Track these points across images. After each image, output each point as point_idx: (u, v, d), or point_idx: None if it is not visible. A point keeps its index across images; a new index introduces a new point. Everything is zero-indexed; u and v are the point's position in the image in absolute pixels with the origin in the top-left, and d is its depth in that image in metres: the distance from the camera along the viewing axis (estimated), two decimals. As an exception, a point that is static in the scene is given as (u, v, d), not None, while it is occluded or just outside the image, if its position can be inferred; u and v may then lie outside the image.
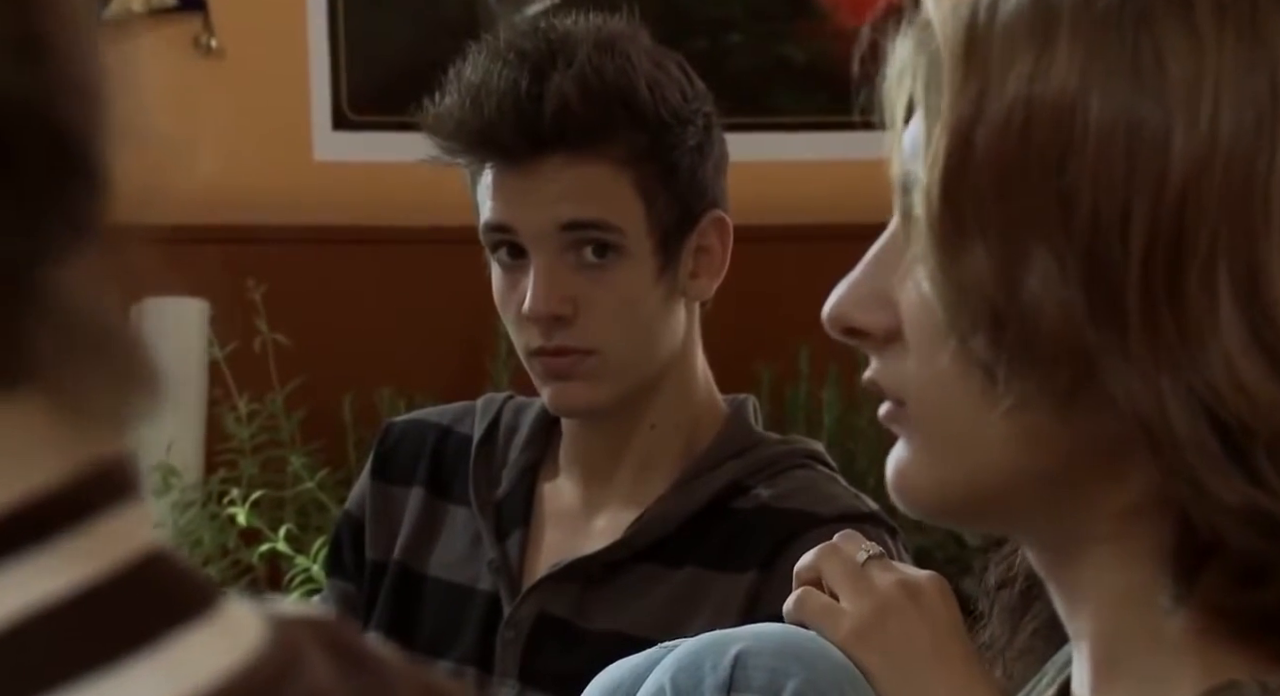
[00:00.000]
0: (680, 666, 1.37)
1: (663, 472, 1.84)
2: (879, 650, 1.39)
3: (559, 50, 1.77)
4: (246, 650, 0.56)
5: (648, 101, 1.78)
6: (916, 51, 0.85)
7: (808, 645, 1.39)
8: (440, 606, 1.86)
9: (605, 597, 1.80)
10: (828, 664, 1.38)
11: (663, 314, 1.82)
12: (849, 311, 0.90)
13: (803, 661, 1.37)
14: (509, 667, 1.81)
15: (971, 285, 0.82)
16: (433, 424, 1.93)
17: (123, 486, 0.56)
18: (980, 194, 0.82)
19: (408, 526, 1.89)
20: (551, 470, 1.89)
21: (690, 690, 1.36)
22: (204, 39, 3.64)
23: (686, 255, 1.83)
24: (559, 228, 1.78)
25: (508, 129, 1.76)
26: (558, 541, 1.85)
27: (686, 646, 1.39)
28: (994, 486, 0.86)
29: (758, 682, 1.35)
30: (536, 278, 1.78)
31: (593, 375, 1.79)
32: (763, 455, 1.83)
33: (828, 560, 1.44)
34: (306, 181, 3.64)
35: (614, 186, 1.79)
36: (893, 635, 1.40)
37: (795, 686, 1.35)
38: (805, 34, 3.73)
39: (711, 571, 1.77)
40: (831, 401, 3.35)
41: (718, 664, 1.36)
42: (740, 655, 1.36)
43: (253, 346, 3.36)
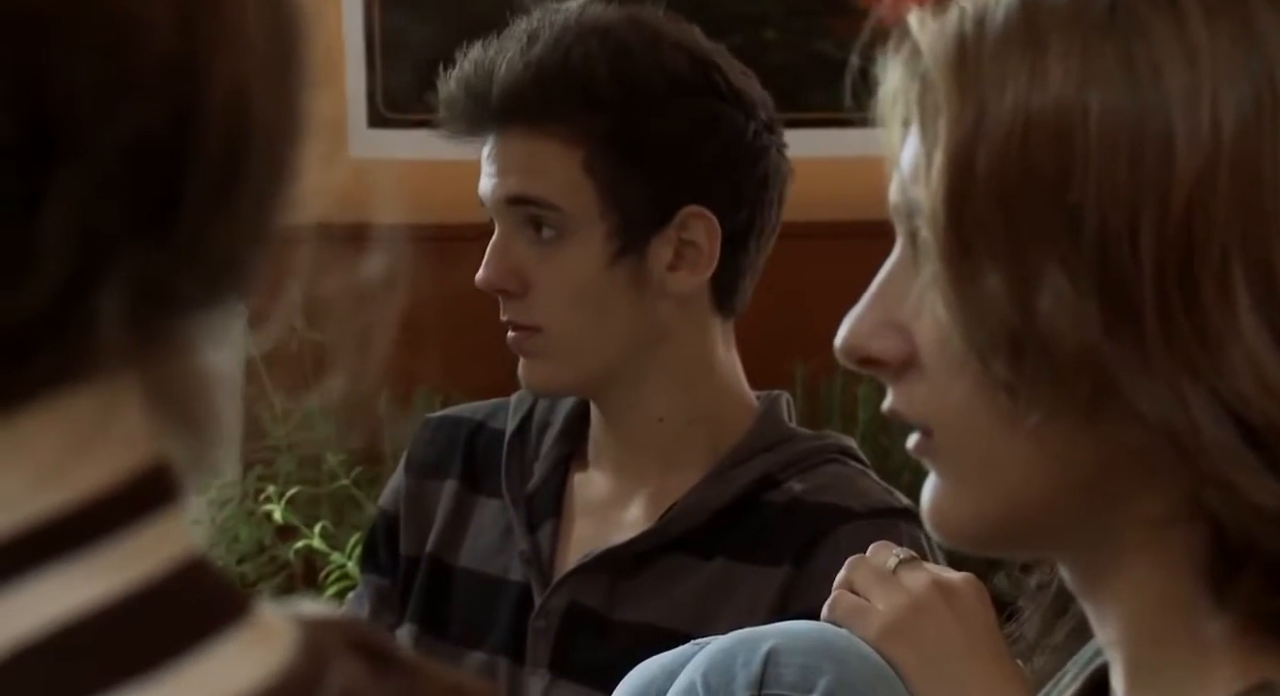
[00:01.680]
0: (712, 663, 1.38)
1: (690, 466, 1.84)
2: (912, 647, 1.39)
3: (543, 31, 1.78)
4: (278, 657, 0.56)
5: (607, 83, 1.76)
6: (907, 75, 0.85)
7: (840, 643, 1.40)
8: (472, 597, 1.87)
9: (636, 588, 1.80)
10: (860, 661, 1.38)
11: (623, 301, 1.79)
12: (863, 342, 0.89)
13: (835, 659, 1.37)
14: (540, 658, 1.81)
15: (986, 308, 0.82)
16: (466, 419, 1.94)
17: (174, 487, 0.57)
18: (985, 215, 0.82)
19: (440, 520, 1.90)
20: (583, 462, 1.89)
21: (722, 687, 1.37)
22: (241, 39, 3.65)
23: (660, 246, 1.79)
24: (505, 201, 1.80)
25: (470, 103, 1.79)
26: (589, 533, 1.85)
27: (718, 643, 1.40)
28: (1028, 510, 0.86)
29: (789, 680, 1.36)
30: (489, 249, 1.82)
31: (539, 353, 1.80)
32: (795, 449, 1.83)
33: (858, 569, 1.45)
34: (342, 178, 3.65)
35: (559, 165, 1.78)
36: (925, 632, 1.40)
37: (827, 684, 1.35)
38: (841, 30, 3.73)
39: (742, 564, 1.77)
40: (866, 397, 3.34)
41: (749, 661, 1.37)
42: (772, 652, 1.37)
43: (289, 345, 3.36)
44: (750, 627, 1.43)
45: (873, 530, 1.63)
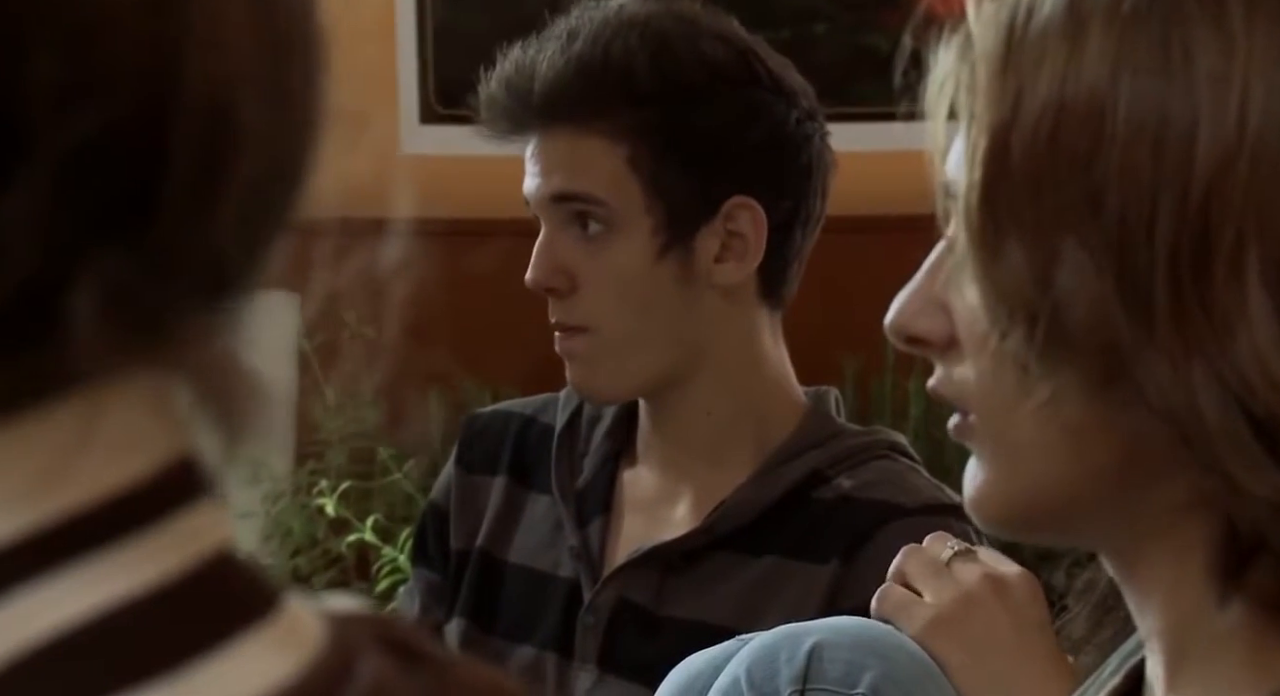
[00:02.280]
0: (755, 658, 1.37)
1: (739, 462, 1.83)
2: (958, 642, 1.39)
3: (585, 27, 1.78)
4: (306, 653, 0.56)
5: (649, 77, 1.76)
6: (959, 61, 0.86)
7: (885, 638, 1.39)
8: (521, 592, 1.87)
9: (685, 585, 1.80)
10: (906, 657, 1.38)
11: (673, 296, 1.79)
12: (909, 320, 0.91)
13: (880, 654, 1.37)
14: (588, 653, 1.82)
15: (1009, 285, 0.83)
16: (516, 414, 1.95)
17: (199, 484, 0.56)
18: (1016, 195, 0.83)
19: (490, 514, 1.90)
20: (632, 458, 1.89)
21: (765, 682, 1.36)
22: (294, 34, 3.67)
23: (707, 238, 1.79)
24: (551, 199, 1.80)
25: (512, 102, 1.79)
26: (638, 528, 1.85)
27: (762, 639, 1.39)
28: (1054, 495, 0.87)
29: (834, 675, 1.35)
30: (536, 249, 1.81)
31: (588, 354, 1.79)
32: (844, 445, 1.82)
33: (911, 558, 1.45)
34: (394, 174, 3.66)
35: (605, 160, 1.78)
36: (974, 627, 1.39)
37: (872, 679, 1.35)
38: (891, 24, 3.72)
39: (791, 560, 1.77)
40: (917, 392, 3.33)
41: (793, 656, 1.37)
42: (816, 647, 1.37)
43: (340, 338, 3.38)
44: (795, 623, 1.43)
45: (922, 526, 1.63)
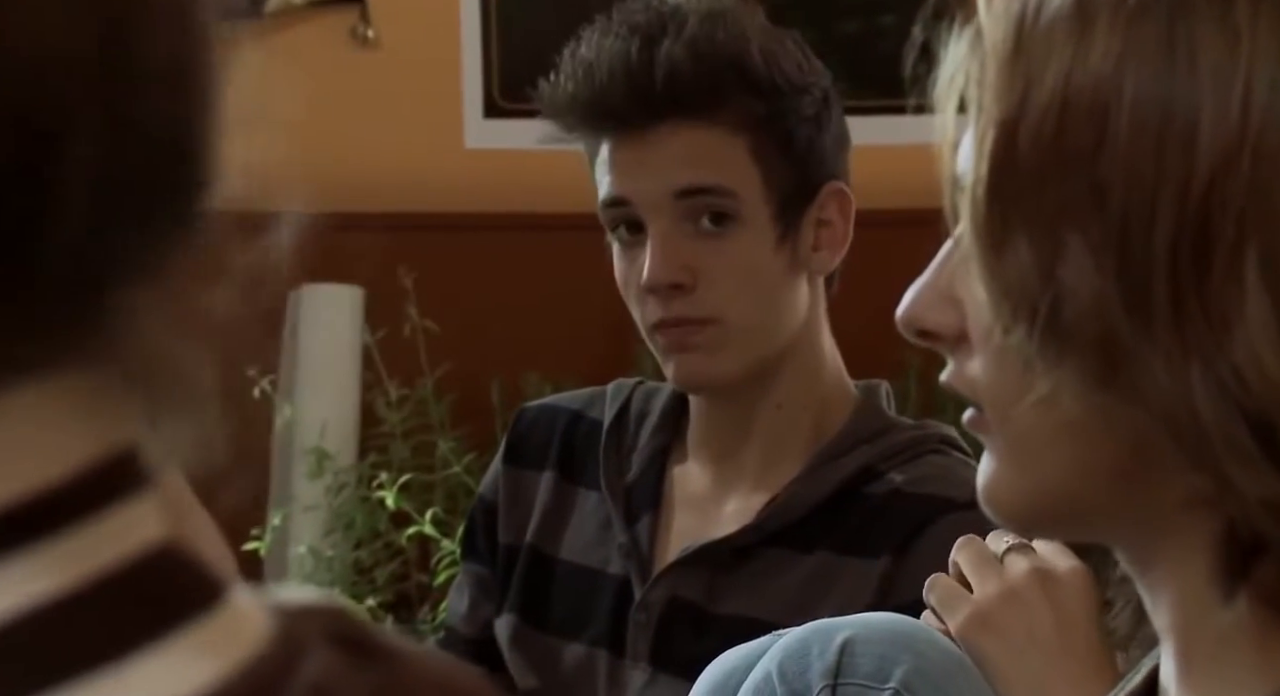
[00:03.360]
0: (787, 653, 1.37)
1: (792, 456, 1.83)
2: (996, 637, 1.38)
3: (670, 21, 1.77)
4: (245, 650, 0.56)
5: (761, 68, 1.77)
6: (970, 54, 0.85)
7: (918, 633, 1.38)
8: (571, 589, 1.87)
9: (736, 582, 1.80)
10: (937, 652, 1.37)
11: (784, 286, 1.80)
12: (920, 313, 0.90)
13: (912, 649, 1.36)
14: (640, 651, 1.82)
15: (1013, 278, 0.83)
16: (564, 409, 1.94)
17: (132, 480, 0.56)
18: (1021, 188, 0.83)
19: (539, 510, 1.90)
20: (681, 454, 1.89)
21: (797, 677, 1.36)
22: (361, 29, 3.68)
23: (807, 227, 1.81)
24: (674, 195, 1.78)
25: (620, 97, 1.76)
26: (688, 525, 1.85)
27: (794, 633, 1.39)
28: (1063, 490, 0.86)
29: (865, 670, 1.35)
30: (653, 246, 1.78)
31: (713, 345, 1.78)
32: (895, 440, 1.82)
33: (965, 550, 1.44)
34: (458, 169, 3.67)
35: (729, 152, 1.78)
36: (1014, 622, 1.38)
37: (903, 674, 1.34)
38: (956, 17, 3.71)
39: (843, 556, 1.77)
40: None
41: (825, 651, 1.36)
42: (848, 642, 1.37)
43: (403, 332, 3.39)
44: (827, 618, 1.43)
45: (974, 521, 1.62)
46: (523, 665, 1.88)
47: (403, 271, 3.37)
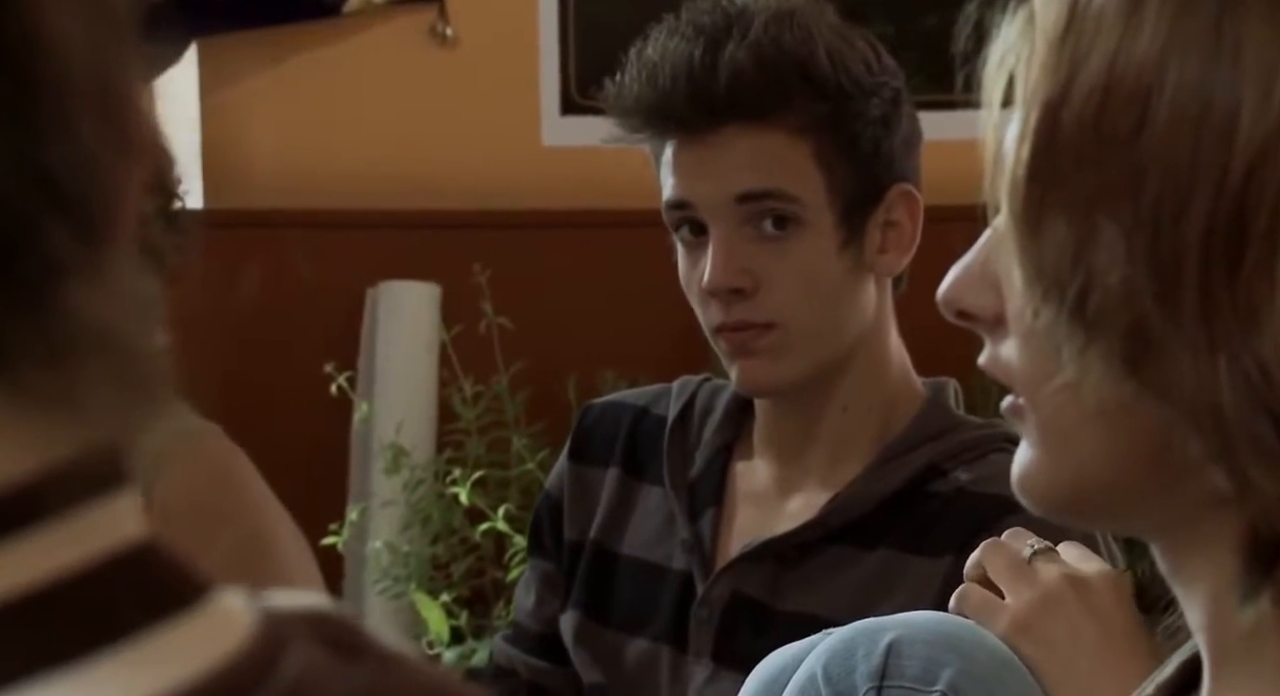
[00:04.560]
0: (833, 654, 1.36)
1: (857, 454, 1.83)
2: (1042, 642, 1.36)
3: (735, 22, 1.76)
4: (229, 646, 0.56)
5: (827, 70, 1.76)
6: (1021, 38, 0.85)
7: (965, 634, 1.37)
8: (634, 585, 1.87)
9: (798, 579, 1.79)
10: (985, 653, 1.35)
11: (848, 289, 1.79)
12: (958, 295, 0.90)
13: (959, 651, 1.35)
14: (703, 647, 1.81)
15: (1047, 261, 0.82)
16: (629, 405, 1.94)
17: (107, 479, 0.57)
18: (1061, 170, 0.82)
19: (604, 506, 1.90)
20: (745, 451, 1.88)
21: (842, 678, 1.35)
22: (440, 28, 3.69)
23: (873, 229, 1.80)
24: (735, 199, 1.77)
25: (682, 100, 1.75)
26: (751, 521, 1.84)
27: (839, 634, 1.38)
28: (1096, 480, 0.86)
29: (911, 672, 1.33)
30: (715, 250, 1.77)
31: (775, 350, 1.78)
32: (961, 438, 1.81)
33: (991, 555, 1.42)
34: (534, 166, 3.68)
35: (792, 156, 1.77)
36: (1056, 628, 1.37)
37: (950, 676, 1.33)
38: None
39: (906, 555, 1.76)
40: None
41: (870, 652, 1.35)
42: (894, 643, 1.35)
43: (478, 329, 3.40)
44: (873, 617, 1.41)
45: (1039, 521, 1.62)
46: (587, 660, 1.88)
47: (478, 269, 3.39)
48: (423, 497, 3.36)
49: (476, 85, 3.71)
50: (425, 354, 3.49)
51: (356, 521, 3.37)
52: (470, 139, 3.69)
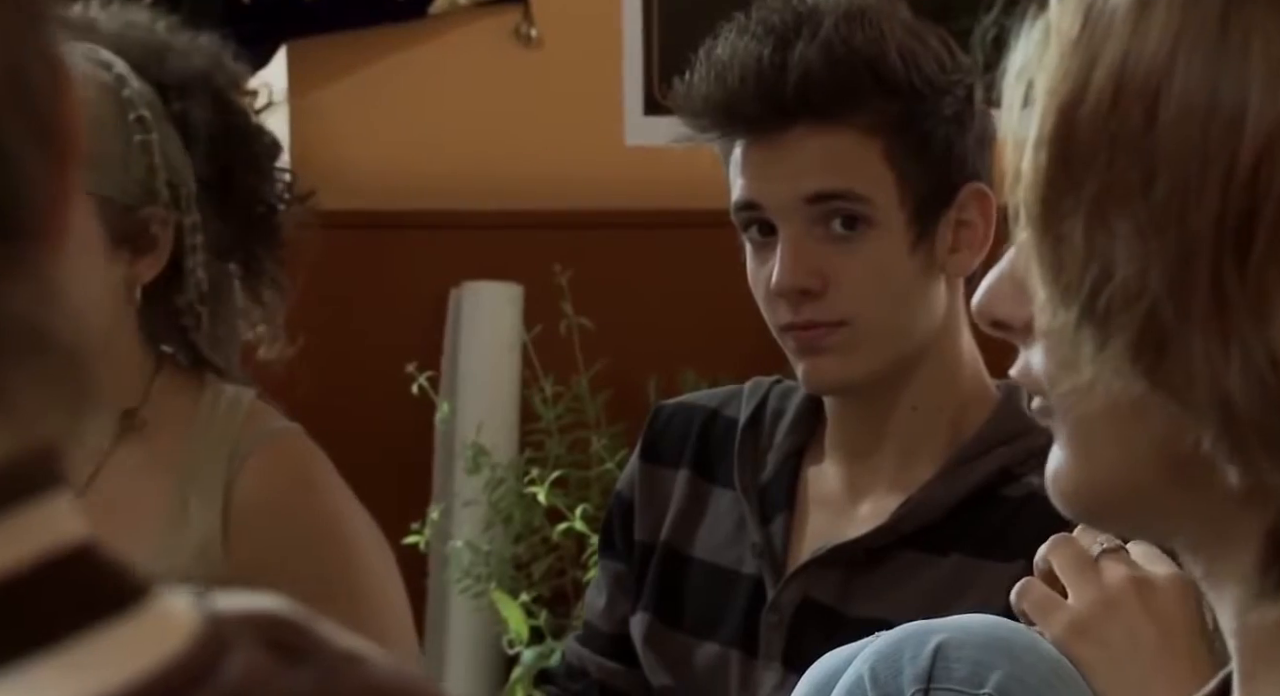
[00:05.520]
0: (880, 656, 1.35)
1: (928, 457, 1.82)
2: (1098, 645, 1.35)
3: (806, 21, 1.75)
4: (168, 649, 0.55)
5: (899, 69, 1.75)
6: (1040, 47, 0.85)
7: (1014, 638, 1.35)
8: (705, 588, 1.87)
9: (869, 583, 1.79)
10: (1035, 657, 1.34)
11: (919, 288, 1.78)
12: (991, 304, 0.90)
13: (1008, 654, 1.33)
14: (773, 652, 1.81)
15: (1065, 261, 0.82)
16: (701, 406, 1.94)
17: (41, 480, 0.56)
18: (1076, 172, 0.82)
19: (674, 508, 1.90)
20: (816, 454, 1.87)
21: (889, 680, 1.34)
22: (524, 29, 3.71)
23: (944, 228, 1.79)
24: (805, 200, 1.76)
25: (751, 100, 1.74)
26: (822, 526, 1.84)
27: (887, 636, 1.37)
28: (1113, 482, 0.86)
29: (959, 675, 1.32)
30: (783, 251, 1.76)
31: (844, 347, 1.77)
32: (1034, 442, 1.77)
33: (1059, 551, 1.41)
34: (617, 166, 3.69)
35: (862, 156, 1.76)
36: (1114, 631, 1.35)
37: (999, 680, 1.31)
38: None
39: (978, 560, 1.75)
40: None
41: (917, 655, 1.34)
42: (941, 646, 1.34)
43: (558, 329, 3.41)
44: (921, 620, 1.40)
45: None
46: (656, 663, 1.88)
47: (558, 269, 3.40)
48: (503, 497, 3.37)
49: (560, 85, 3.72)
50: (507, 354, 3.50)
51: (438, 520, 3.39)
52: (553, 139, 3.71)
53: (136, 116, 1.87)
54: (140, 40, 1.93)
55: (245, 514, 1.88)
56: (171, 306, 1.93)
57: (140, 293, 1.91)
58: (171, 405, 1.92)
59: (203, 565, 1.86)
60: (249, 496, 1.88)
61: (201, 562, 1.86)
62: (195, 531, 1.87)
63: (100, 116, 1.86)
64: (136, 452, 1.91)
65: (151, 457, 1.91)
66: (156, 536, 1.87)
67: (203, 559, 1.86)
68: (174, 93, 1.91)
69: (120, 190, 1.87)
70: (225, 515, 1.87)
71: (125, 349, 1.91)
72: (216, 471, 1.88)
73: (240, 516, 1.87)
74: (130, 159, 1.87)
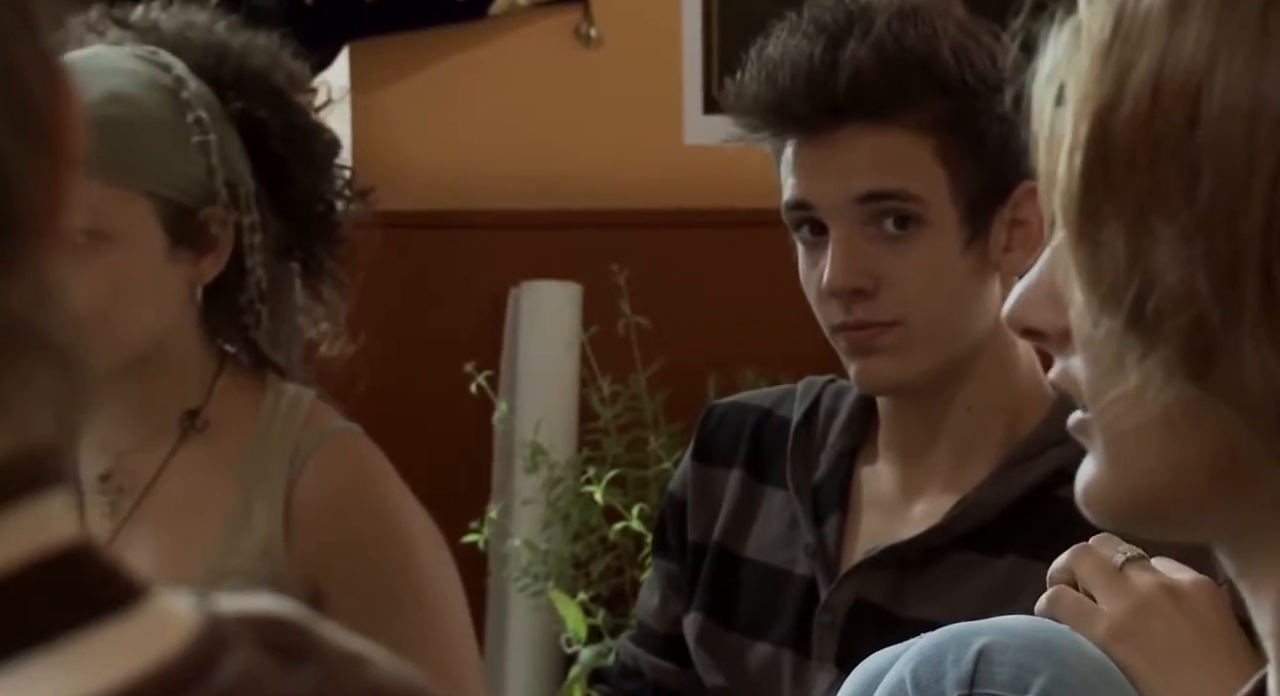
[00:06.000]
0: (922, 659, 1.33)
1: (983, 458, 1.80)
2: (1142, 650, 1.34)
3: (858, 20, 1.74)
4: (162, 649, 0.55)
5: (951, 67, 1.74)
6: (1069, 49, 0.84)
7: (1058, 640, 1.34)
8: (758, 589, 1.86)
9: (923, 584, 1.77)
10: (1080, 660, 1.32)
11: (971, 287, 1.77)
12: (1025, 312, 0.89)
13: (1053, 658, 1.32)
14: (826, 653, 1.80)
15: (1105, 268, 0.81)
16: (753, 406, 1.93)
17: (35, 480, 0.56)
18: (1114, 177, 0.81)
19: (727, 508, 1.89)
20: (869, 454, 1.86)
21: (931, 684, 1.32)
22: (584, 29, 3.72)
23: (998, 227, 1.78)
24: (856, 199, 1.75)
25: (801, 99, 1.73)
26: (875, 526, 1.83)
27: (929, 638, 1.35)
28: (1155, 489, 0.85)
29: (1002, 678, 1.31)
30: (835, 251, 1.75)
31: (897, 348, 1.76)
32: (1090, 444, 1.79)
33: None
34: (676, 165, 3.70)
35: (914, 154, 1.75)
36: (1156, 635, 1.34)
37: (1043, 684, 1.30)
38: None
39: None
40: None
41: (960, 658, 1.32)
42: (985, 649, 1.33)
43: (616, 328, 3.42)
44: (964, 622, 1.39)
45: None
46: (709, 663, 1.87)
47: (616, 268, 3.40)
48: (561, 496, 3.38)
49: (619, 85, 3.73)
50: (565, 353, 3.51)
51: (496, 519, 3.40)
52: (612, 138, 3.71)
53: (195, 118, 1.88)
54: (200, 40, 1.95)
55: (306, 513, 1.89)
56: (233, 305, 1.94)
57: (201, 293, 1.93)
58: (234, 405, 1.94)
59: (265, 565, 1.88)
60: (309, 496, 1.89)
61: (264, 562, 1.88)
62: (258, 531, 1.89)
63: (160, 118, 1.87)
64: (200, 453, 1.93)
65: (214, 458, 1.92)
66: (220, 536, 1.89)
67: (265, 558, 1.88)
68: (233, 92, 1.93)
69: (180, 191, 1.88)
70: (286, 515, 1.89)
71: (187, 349, 1.93)
72: (278, 472, 1.90)
73: (301, 516, 1.89)
74: (189, 160, 1.89)
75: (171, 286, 1.90)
